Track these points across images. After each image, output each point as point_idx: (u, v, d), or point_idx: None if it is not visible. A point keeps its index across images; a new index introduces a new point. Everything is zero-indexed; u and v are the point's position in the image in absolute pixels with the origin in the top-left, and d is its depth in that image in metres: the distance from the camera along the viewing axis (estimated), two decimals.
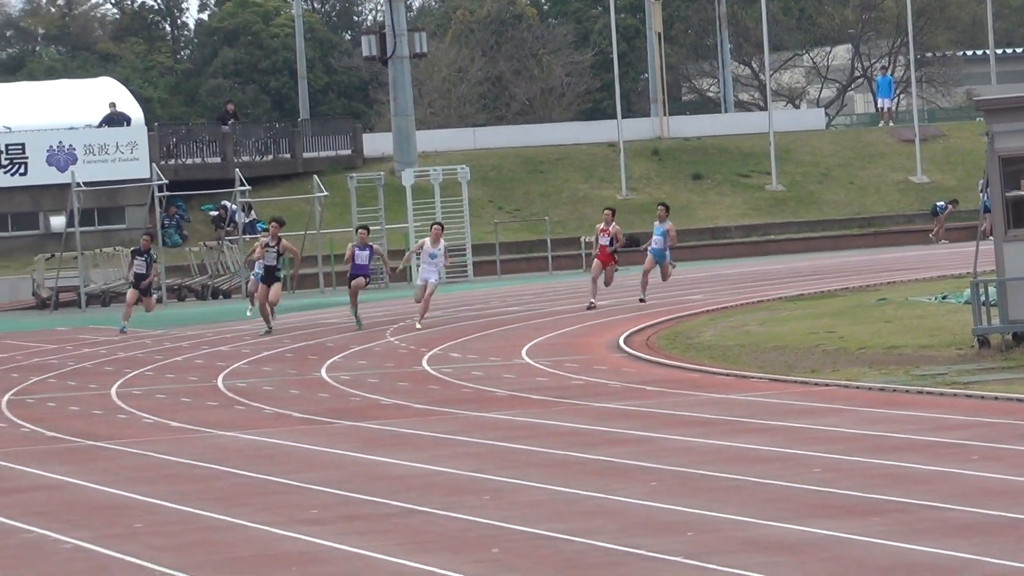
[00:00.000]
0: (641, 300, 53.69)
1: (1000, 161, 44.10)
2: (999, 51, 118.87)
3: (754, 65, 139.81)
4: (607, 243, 51.85)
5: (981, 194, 48.62)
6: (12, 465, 35.44)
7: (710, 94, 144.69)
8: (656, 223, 57.48)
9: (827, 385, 42.02)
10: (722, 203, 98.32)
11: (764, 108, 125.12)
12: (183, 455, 35.71)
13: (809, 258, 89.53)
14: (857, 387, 41.15)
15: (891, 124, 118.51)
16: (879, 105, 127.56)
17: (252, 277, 56.11)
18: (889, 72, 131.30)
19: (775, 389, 42.17)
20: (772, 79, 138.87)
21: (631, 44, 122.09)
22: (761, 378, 44.38)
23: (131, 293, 51.48)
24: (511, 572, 20.65)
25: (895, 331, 52.50)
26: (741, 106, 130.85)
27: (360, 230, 52.52)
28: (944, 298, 58.01)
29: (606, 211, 62.48)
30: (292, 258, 55.57)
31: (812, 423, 35.30)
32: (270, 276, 44.92)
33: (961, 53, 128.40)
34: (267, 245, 44.37)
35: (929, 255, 73.99)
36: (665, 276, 59.55)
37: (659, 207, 60.34)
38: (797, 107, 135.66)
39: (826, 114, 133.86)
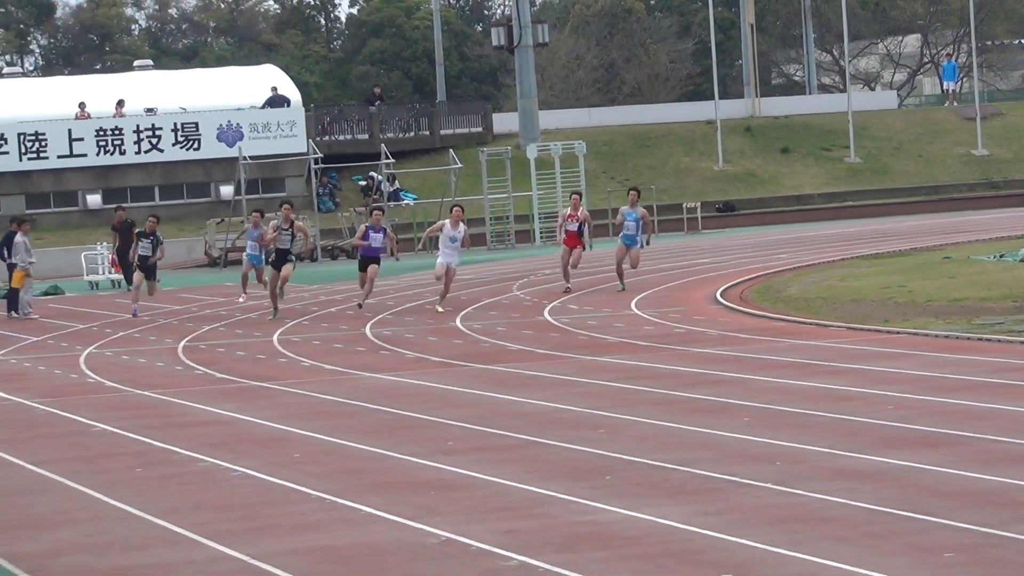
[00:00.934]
0: (624, 287, 50.55)
1: None
2: None
3: (835, 52, 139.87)
4: (575, 228, 48.49)
5: None
6: (187, 403, 35.74)
7: (796, 78, 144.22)
8: (627, 208, 53.28)
9: (898, 333, 41.90)
10: (807, 173, 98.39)
11: (843, 91, 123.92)
12: (336, 394, 36.32)
13: (882, 222, 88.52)
14: (924, 335, 41.08)
15: (955, 104, 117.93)
16: (944, 87, 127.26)
17: (245, 259, 54.70)
18: (954, 58, 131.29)
19: (852, 336, 42.23)
20: (851, 65, 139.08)
21: (727, 34, 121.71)
22: (840, 327, 44.26)
23: (137, 275, 47.63)
24: (623, 497, 21.23)
25: (958, 286, 52.06)
26: (823, 89, 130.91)
27: (375, 211, 48.81)
28: (1002, 256, 57.44)
29: (573, 195, 58.38)
30: (303, 237, 51.64)
31: (885, 366, 35.18)
32: (281, 259, 42.18)
33: (1018, 42, 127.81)
34: (280, 228, 41.48)
35: (989, 219, 73.94)
36: (635, 263, 55.36)
37: (630, 192, 55.68)
38: (872, 89, 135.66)
39: (898, 95, 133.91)
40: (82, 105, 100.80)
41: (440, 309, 44.29)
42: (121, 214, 79.95)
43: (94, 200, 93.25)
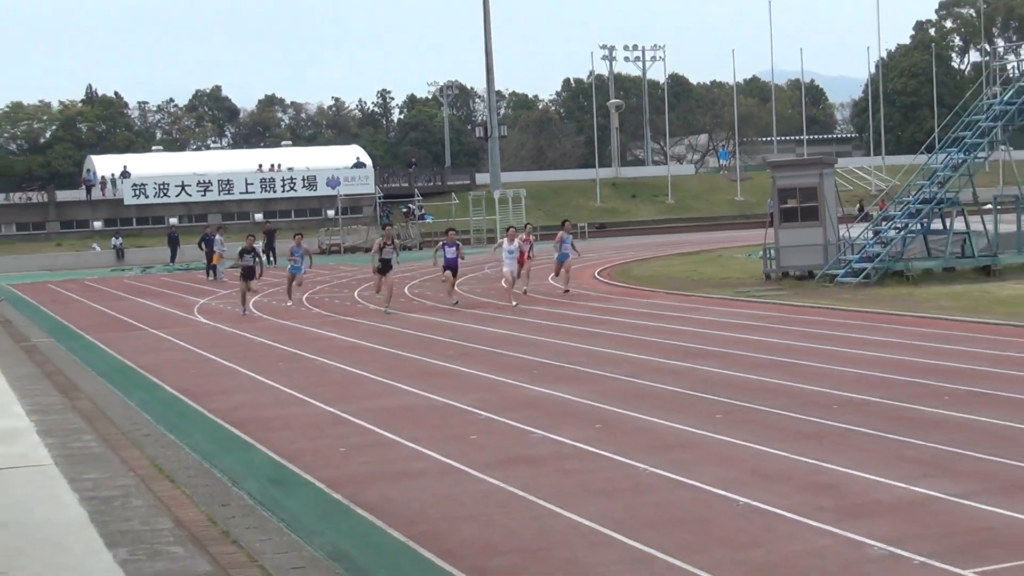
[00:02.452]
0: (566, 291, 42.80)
1: (777, 190, 45.48)
2: (779, 138, 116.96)
3: (661, 143, 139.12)
4: (527, 249, 42.37)
5: (768, 202, 48.76)
6: (306, 327, 35.16)
7: (640, 156, 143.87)
8: (563, 233, 44.41)
9: (694, 296, 41.18)
10: (645, 210, 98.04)
11: (666, 163, 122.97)
12: (385, 325, 34.82)
13: (686, 236, 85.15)
14: (709, 297, 40.37)
15: (726, 172, 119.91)
16: (720, 163, 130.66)
17: (290, 271, 43.30)
18: (726, 147, 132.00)
19: (669, 298, 41.10)
20: (670, 149, 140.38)
21: (603, 132, 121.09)
22: (662, 292, 43.37)
23: (242, 285, 39.54)
24: (546, 381, 22.78)
25: (726, 270, 51.77)
26: (654, 163, 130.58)
27: (449, 231, 42.31)
28: (749, 255, 57.50)
29: (527, 224, 51.66)
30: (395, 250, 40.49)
31: (689, 315, 34.68)
32: (387, 266, 36.75)
33: (760, 139, 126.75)
34: (384, 244, 36.72)
35: (743, 235, 75.51)
36: (568, 269, 44.82)
37: (564, 222, 47.45)
38: (680, 163, 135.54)
39: (694, 167, 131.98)
40: (260, 166, 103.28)
41: (514, 303, 37.82)
42: (268, 225, 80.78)
43: (259, 217, 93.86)
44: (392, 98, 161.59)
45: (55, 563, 10.57)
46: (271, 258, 69.20)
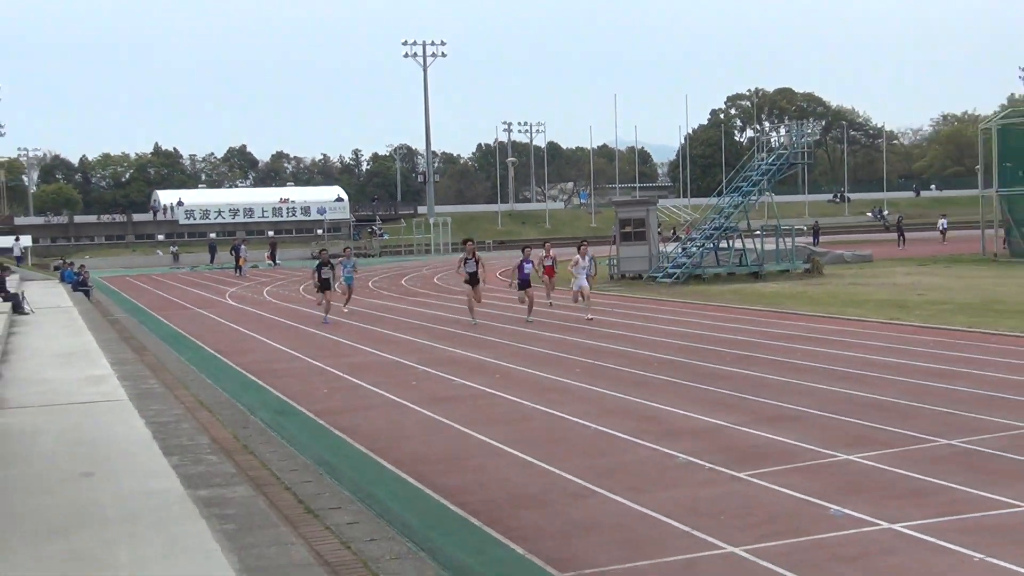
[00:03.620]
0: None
1: (619, 220, 45.68)
2: (620, 185, 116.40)
3: (541, 187, 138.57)
4: (551, 263, 32.45)
5: (613, 228, 48.57)
6: (302, 308, 33.50)
7: (528, 195, 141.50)
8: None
9: (562, 290, 35.30)
10: (531, 232, 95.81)
11: (545, 201, 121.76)
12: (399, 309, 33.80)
13: (559, 250, 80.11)
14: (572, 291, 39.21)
15: (585, 207, 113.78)
16: (582, 201, 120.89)
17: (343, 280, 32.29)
18: (584, 191, 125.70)
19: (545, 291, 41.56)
20: (547, 191, 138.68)
21: (504, 179, 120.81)
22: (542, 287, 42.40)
23: (319, 297, 29.84)
24: (446, 342, 22.23)
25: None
26: (537, 200, 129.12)
27: (526, 247, 31.11)
28: (601, 262, 55.63)
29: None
30: (479, 265, 28.37)
31: (558, 303, 31.01)
32: (474, 279, 26.80)
33: (610, 185, 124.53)
34: (466, 259, 27.17)
35: (596, 249, 70.57)
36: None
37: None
38: (555, 201, 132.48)
39: (564, 204, 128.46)
40: (283, 199, 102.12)
41: (590, 317, 26.89)
42: (272, 239, 77.71)
43: (270, 233, 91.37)
44: (362, 154, 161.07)
45: (129, 466, 10.55)
46: (275, 261, 69.51)
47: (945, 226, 74.13)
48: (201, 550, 7.47)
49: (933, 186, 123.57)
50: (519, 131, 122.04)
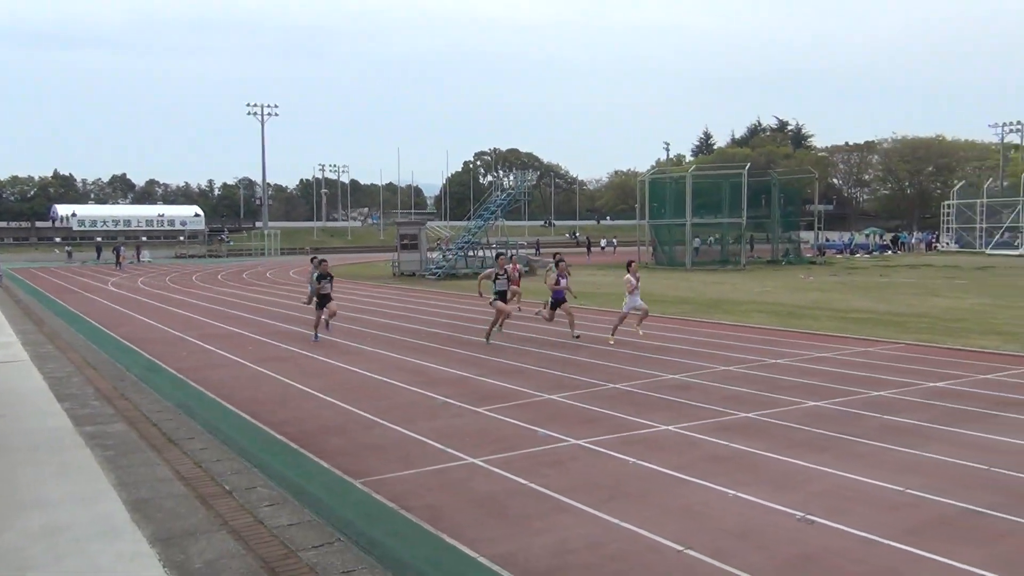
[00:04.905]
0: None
1: (399, 235, 45.44)
2: (402, 211, 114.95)
3: (346, 210, 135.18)
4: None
5: (395, 240, 47.53)
6: (171, 295, 30.10)
7: (336, 216, 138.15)
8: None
9: (361, 283, 35.65)
10: (339, 242, 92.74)
11: (348, 220, 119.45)
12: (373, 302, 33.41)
13: (359, 256, 74.97)
14: (367, 284, 35.72)
15: (376, 225, 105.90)
16: (374, 221, 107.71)
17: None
18: (377, 214, 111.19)
19: (346, 283, 35.34)
20: (350, 213, 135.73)
21: (319, 205, 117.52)
22: (340, 279, 38.98)
23: (319, 313, 17.85)
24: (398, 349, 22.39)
25: (377, 270, 45.99)
26: (343, 219, 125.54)
27: (560, 262, 18.74)
28: (389, 264, 54.29)
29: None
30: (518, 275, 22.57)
31: (353, 293, 29.82)
32: (503, 295, 17.43)
33: (395, 211, 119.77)
34: (498, 274, 17.69)
35: (385, 255, 66.46)
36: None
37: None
38: (355, 220, 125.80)
39: (362, 222, 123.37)
40: (160, 215, 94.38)
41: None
42: (117, 242, 67.26)
43: (143, 239, 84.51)
44: (215, 183, 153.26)
45: (31, 410, 9.95)
46: (139, 259, 62.87)
47: (614, 244, 77.31)
48: (87, 469, 7.40)
49: (608, 217, 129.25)
50: (330, 170, 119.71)
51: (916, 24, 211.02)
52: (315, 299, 17.68)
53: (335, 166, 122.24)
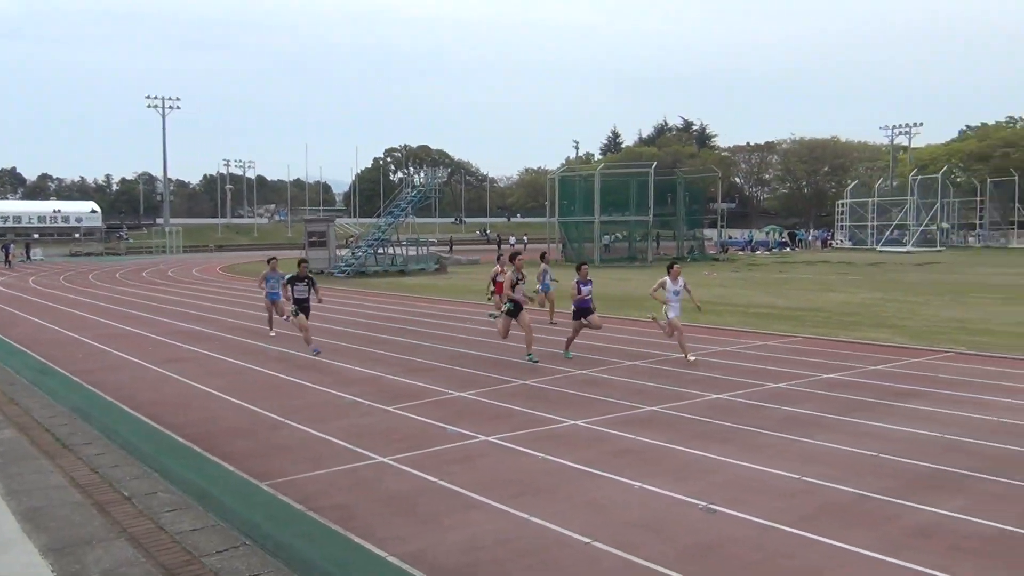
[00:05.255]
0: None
1: (307, 232, 44.86)
2: (310, 208, 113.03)
3: (252, 207, 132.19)
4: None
5: (303, 238, 46.94)
6: (64, 294, 29.15)
7: (241, 213, 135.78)
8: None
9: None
10: (244, 240, 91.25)
11: (254, 217, 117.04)
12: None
13: (266, 252, 78.78)
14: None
15: (285, 222, 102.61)
16: (282, 218, 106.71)
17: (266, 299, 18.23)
18: (285, 211, 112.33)
19: (248, 282, 39.18)
20: (256, 210, 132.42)
21: (223, 202, 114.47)
22: (236, 276, 37.48)
23: (298, 320, 14.61)
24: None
25: (286, 269, 47.14)
26: (248, 216, 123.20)
27: (583, 266, 14.11)
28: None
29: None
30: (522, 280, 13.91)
31: (230, 290, 32.27)
32: (518, 308, 13.41)
33: (302, 208, 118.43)
34: (516, 282, 13.35)
35: (294, 253, 64.16)
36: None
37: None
38: (261, 218, 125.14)
39: (268, 219, 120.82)
40: (56, 211, 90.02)
41: (691, 358, 13.28)
42: (6, 239, 61.70)
43: (35, 237, 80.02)
44: (112, 178, 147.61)
45: None
46: (7, 260, 58.18)
47: (524, 241, 77.89)
48: None
49: (519, 215, 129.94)
50: (235, 166, 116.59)
51: (813, 31, 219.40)
52: (294, 307, 14.59)
53: (241, 162, 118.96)
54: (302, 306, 14.78)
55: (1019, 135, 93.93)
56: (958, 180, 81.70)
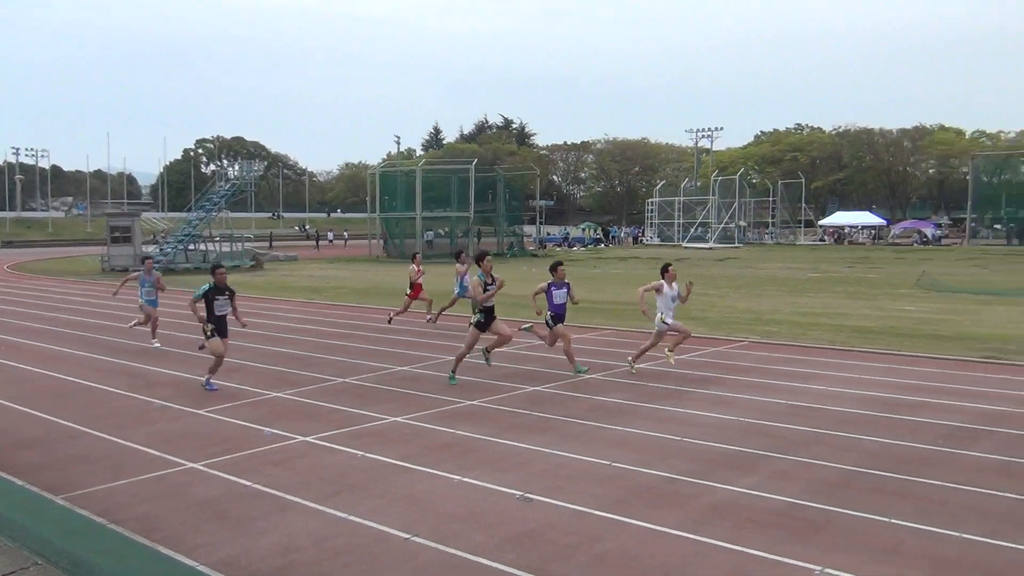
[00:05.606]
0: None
1: (109, 227, 42.30)
2: (129, 201, 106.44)
3: (46, 200, 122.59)
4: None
5: (104, 233, 44.33)
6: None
7: (33, 205, 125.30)
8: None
9: (61, 279, 33.74)
10: (37, 235, 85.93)
11: (48, 211, 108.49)
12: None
13: (62, 250, 68.83)
14: (65, 280, 33.29)
15: (82, 217, 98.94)
16: (80, 211, 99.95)
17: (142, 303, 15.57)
18: (84, 204, 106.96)
19: (50, 281, 33.09)
20: (51, 202, 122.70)
21: (12, 193, 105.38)
22: (45, 276, 35.05)
23: (216, 345, 10.89)
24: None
25: (79, 266, 42.22)
26: (43, 208, 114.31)
27: (559, 267, 12.31)
28: (96, 259, 51.09)
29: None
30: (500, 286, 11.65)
31: (38, 290, 28.65)
32: (490, 316, 11.41)
33: (103, 200, 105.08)
34: (487, 284, 11.24)
35: (95, 249, 62.40)
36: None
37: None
38: (57, 211, 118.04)
39: (64, 214, 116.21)
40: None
41: (673, 361, 12.32)
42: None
43: None
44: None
45: None
46: None
47: (345, 237, 76.71)
48: None
49: (339, 210, 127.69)
50: (26, 154, 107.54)
51: (628, 41, 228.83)
52: (211, 327, 11.12)
53: (32, 150, 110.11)
54: (220, 327, 11.13)
55: (806, 140, 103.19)
56: (754, 181, 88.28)
